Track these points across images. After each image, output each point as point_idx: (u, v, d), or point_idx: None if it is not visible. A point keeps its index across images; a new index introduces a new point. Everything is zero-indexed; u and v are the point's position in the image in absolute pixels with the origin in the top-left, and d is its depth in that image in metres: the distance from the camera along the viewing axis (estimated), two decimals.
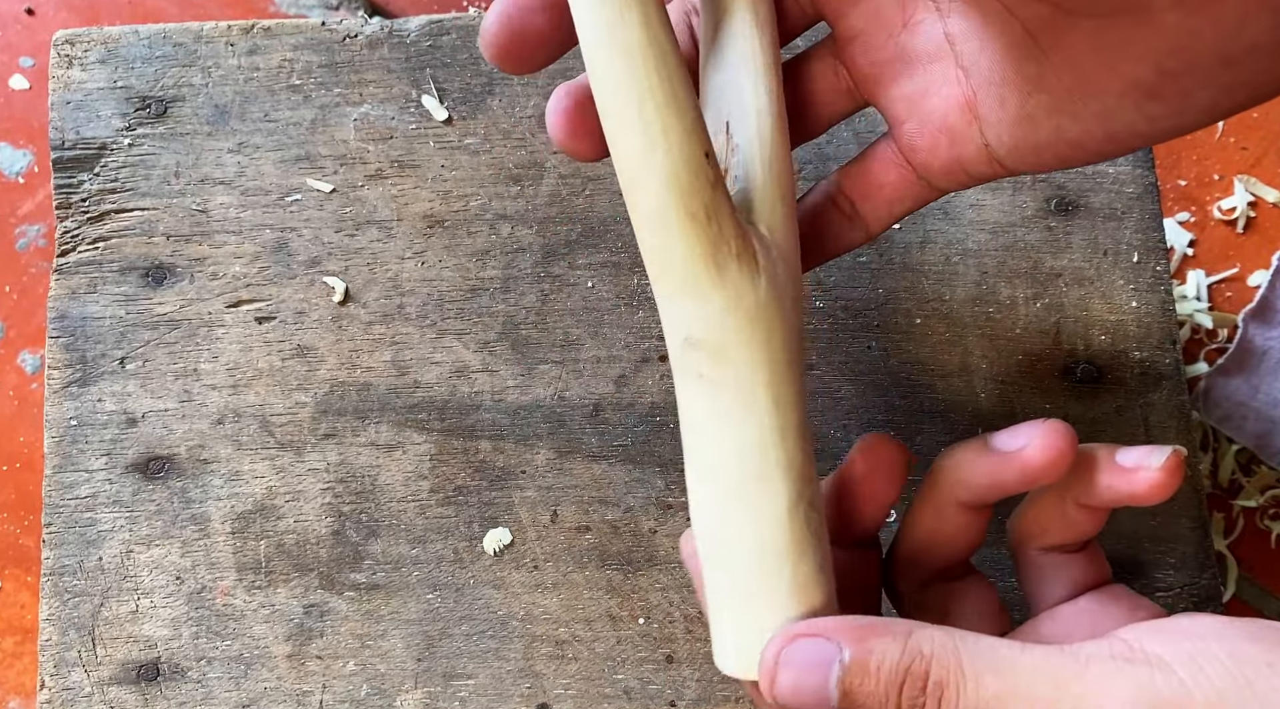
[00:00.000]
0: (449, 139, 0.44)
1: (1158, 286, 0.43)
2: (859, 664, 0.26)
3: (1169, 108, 0.26)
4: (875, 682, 0.26)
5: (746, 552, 0.28)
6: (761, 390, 0.27)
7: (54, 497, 0.41)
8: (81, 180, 0.44)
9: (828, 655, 0.26)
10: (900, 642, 0.26)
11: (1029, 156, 0.28)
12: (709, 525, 0.28)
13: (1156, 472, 0.28)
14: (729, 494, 0.28)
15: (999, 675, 0.25)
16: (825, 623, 0.27)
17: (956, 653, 0.26)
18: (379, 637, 0.40)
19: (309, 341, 0.42)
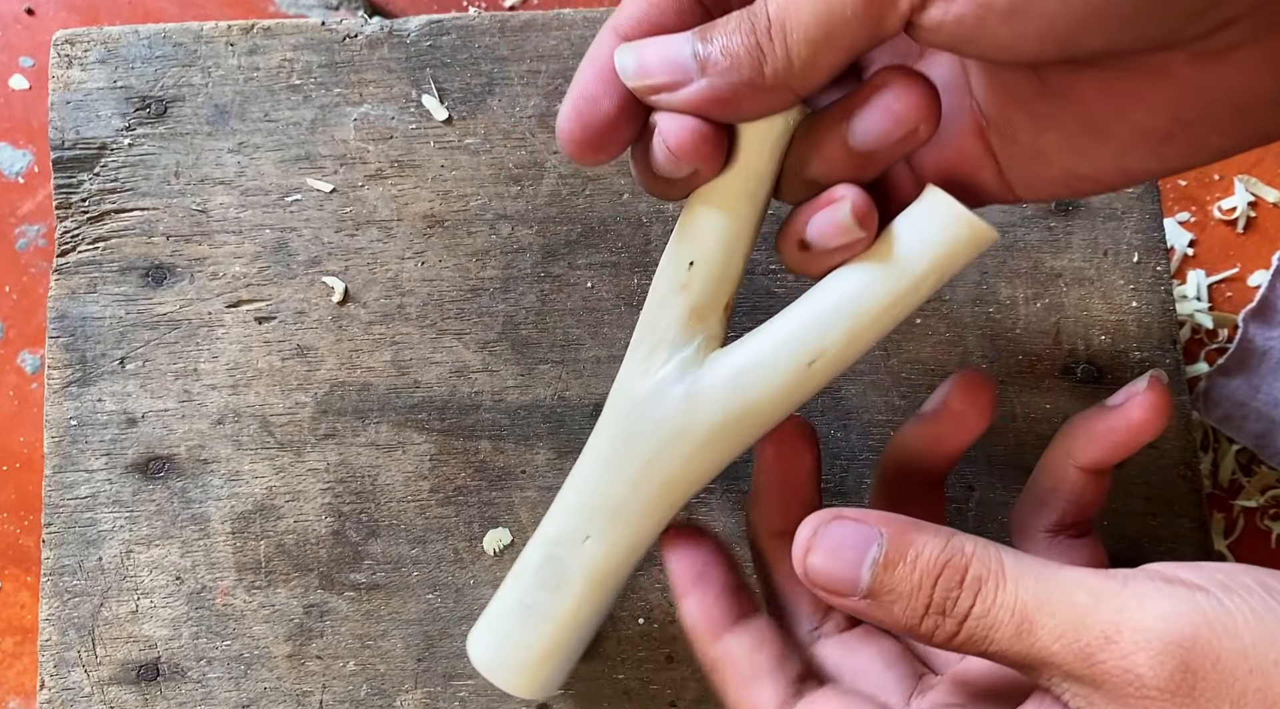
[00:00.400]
0: (449, 139, 0.44)
1: (1158, 286, 0.43)
2: (897, 549, 0.26)
3: (1182, 151, 0.26)
4: (911, 569, 0.26)
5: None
6: None
7: (54, 497, 0.41)
8: (81, 180, 0.44)
9: (866, 537, 0.26)
10: (943, 538, 0.26)
11: (1042, 189, 0.28)
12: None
13: (1144, 393, 0.29)
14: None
15: (1039, 580, 0.25)
16: (868, 513, 0.27)
17: (999, 556, 0.26)
18: (379, 637, 0.40)
19: (309, 341, 0.42)
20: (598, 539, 0.32)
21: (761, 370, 0.29)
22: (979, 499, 0.41)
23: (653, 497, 0.31)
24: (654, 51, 0.27)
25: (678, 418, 0.30)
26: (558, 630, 0.32)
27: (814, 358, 0.29)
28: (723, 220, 0.29)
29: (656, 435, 0.30)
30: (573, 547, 0.32)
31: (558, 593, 0.32)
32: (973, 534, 0.26)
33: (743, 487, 0.41)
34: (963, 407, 0.31)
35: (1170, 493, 0.41)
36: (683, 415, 0.30)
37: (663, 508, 0.31)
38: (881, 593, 0.26)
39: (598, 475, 0.32)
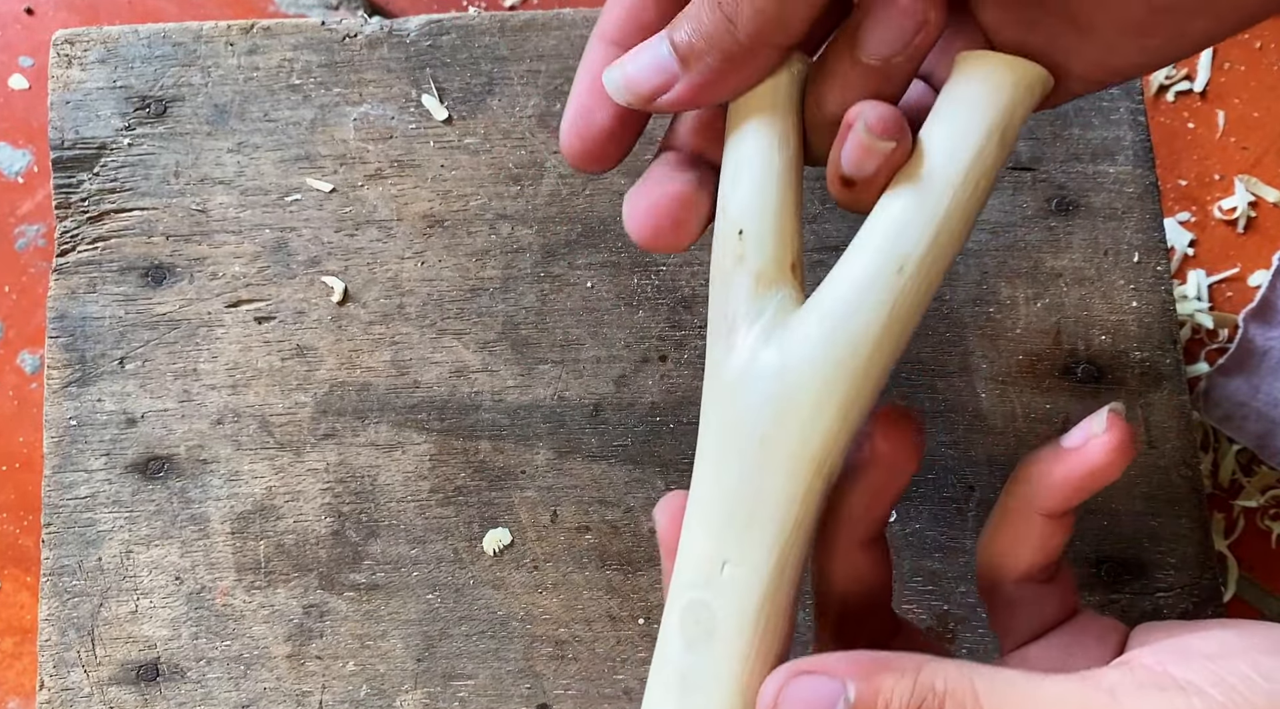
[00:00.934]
0: (449, 139, 0.44)
1: (1158, 286, 0.43)
2: (866, 704, 0.24)
3: (1165, 40, 0.26)
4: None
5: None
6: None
7: (53, 497, 0.41)
8: (81, 180, 0.44)
9: (832, 693, 0.25)
10: (910, 678, 0.24)
11: None
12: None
13: (1105, 435, 0.27)
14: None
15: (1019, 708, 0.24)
16: (830, 659, 0.25)
17: (973, 689, 0.24)
18: (379, 637, 0.40)
19: (309, 341, 0.42)
20: (736, 561, 0.26)
21: (851, 298, 0.26)
22: (978, 499, 0.41)
23: (781, 485, 0.26)
24: (633, 62, 0.27)
25: (778, 383, 0.26)
26: (725, 693, 0.26)
27: (901, 263, 0.25)
28: (759, 183, 0.27)
29: (762, 411, 0.26)
30: (711, 582, 0.27)
31: (710, 644, 0.26)
32: (946, 659, 0.25)
33: None
34: (890, 448, 0.28)
35: (1170, 493, 0.41)
36: (782, 378, 0.26)
37: (797, 496, 0.26)
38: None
39: (712, 483, 0.27)
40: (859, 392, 0.26)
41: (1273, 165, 0.61)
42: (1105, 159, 0.44)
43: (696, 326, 0.42)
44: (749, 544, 0.26)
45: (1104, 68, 0.27)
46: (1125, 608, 0.40)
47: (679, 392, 0.42)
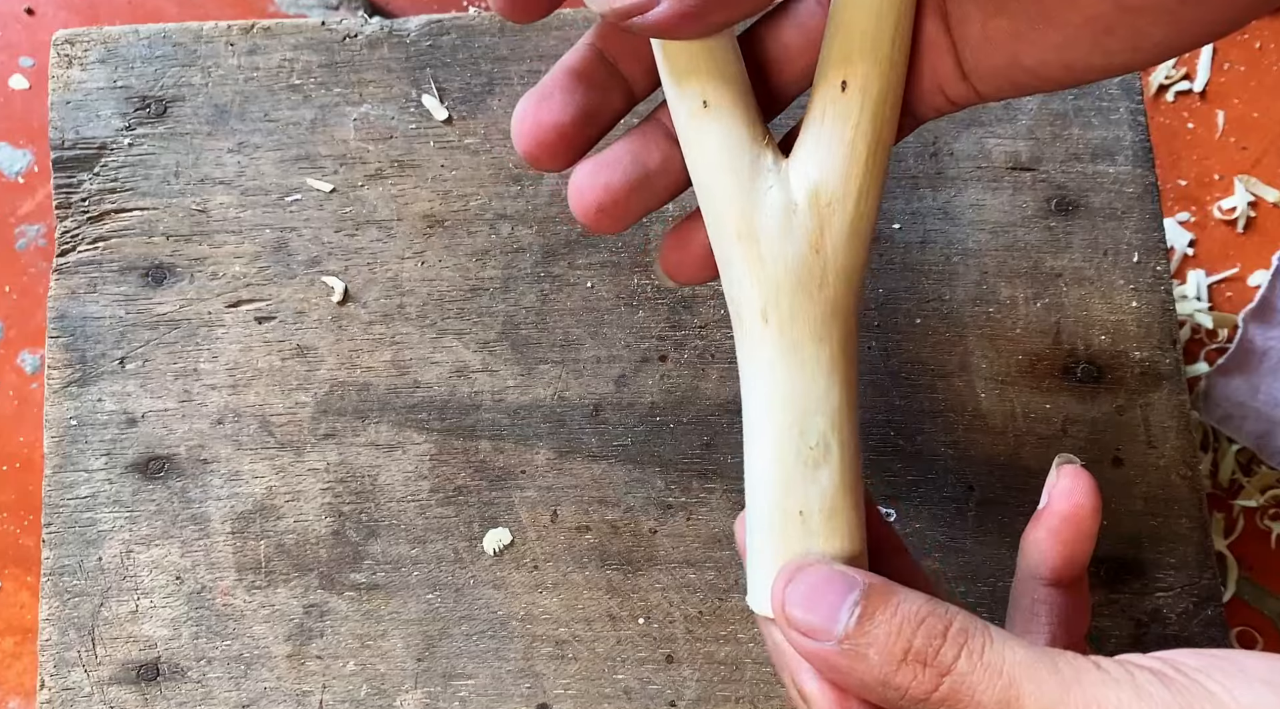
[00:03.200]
0: (449, 139, 0.44)
1: (1158, 286, 0.43)
2: (879, 595, 0.25)
3: (1124, 44, 0.26)
4: (893, 615, 0.24)
5: (771, 486, 0.28)
6: (808, 343, 0.28)
7: (54, 497, 0.41)
8: (81, 180, 0.44)
9: (847, 582, 0.25)
10: (925, 596, 0.25)
11: (991, 79, 0.28)
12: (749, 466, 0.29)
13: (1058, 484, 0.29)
14: (767, 439, 0.28)
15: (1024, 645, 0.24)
16: (853, 568, 0.26)
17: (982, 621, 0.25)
18: (379, 637, 0.40)
19: (309, 341, 0.42)
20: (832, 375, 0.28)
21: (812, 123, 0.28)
22: (978, 499, 0.41)
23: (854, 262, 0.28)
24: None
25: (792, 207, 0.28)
26: (848, 502, 0.28)
27: (843, 77, 0.28)
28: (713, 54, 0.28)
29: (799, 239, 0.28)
30: (818, 408, 0.28)
31: (826, 464, 0.28)
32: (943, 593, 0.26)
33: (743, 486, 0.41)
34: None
35: (1170, 493, 0.41)
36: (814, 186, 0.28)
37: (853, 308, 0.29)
38: (858, 636, 0.25)
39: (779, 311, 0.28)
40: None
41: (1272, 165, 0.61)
42: (1105, 159, 0.44)
43: (696, 326, 0.42)
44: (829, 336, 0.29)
45: (1062, 64, 0.27)
46: (1125, 608, 0.40)
47: (679, 392, 0.42)
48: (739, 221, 0.28)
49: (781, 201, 0.28)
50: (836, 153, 0.28)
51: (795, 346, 0.28)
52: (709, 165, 0.29)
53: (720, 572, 0.41)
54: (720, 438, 0.41)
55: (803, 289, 0.28)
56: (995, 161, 0.44)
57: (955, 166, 0.44)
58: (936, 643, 0.24)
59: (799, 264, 0.28)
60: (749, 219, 0.28)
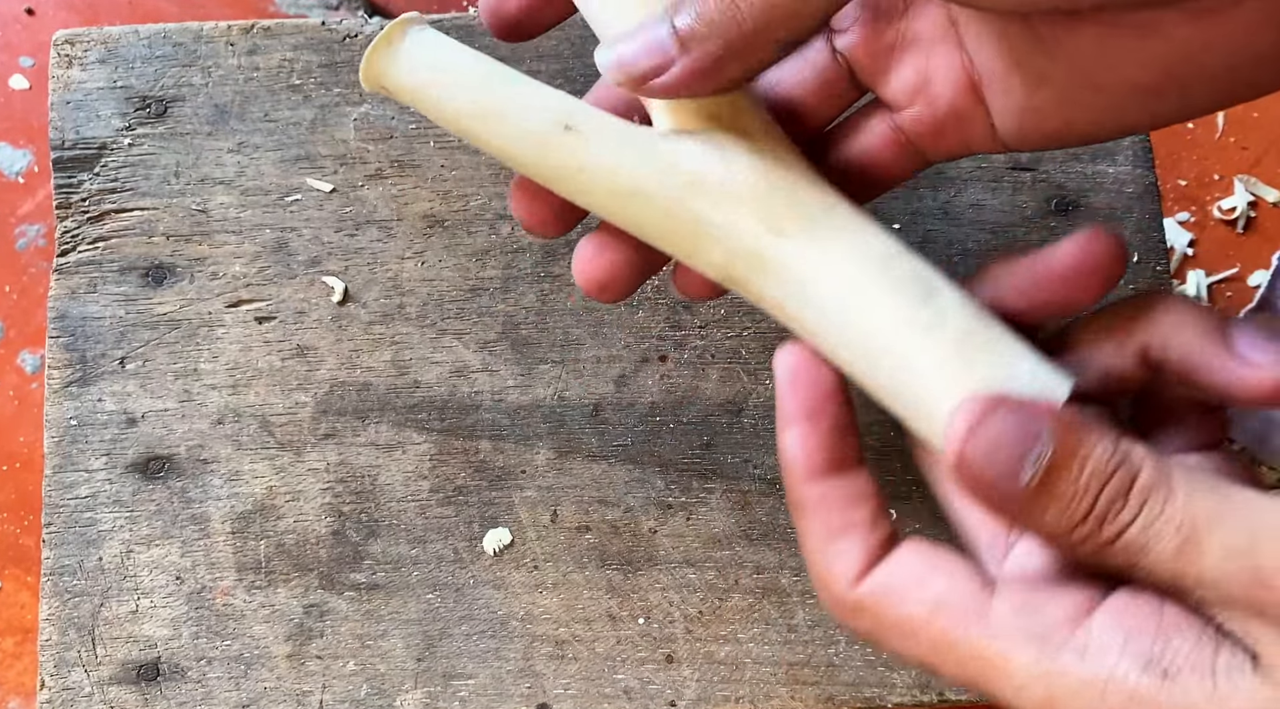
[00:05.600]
0: (449, 139, 0.44)
1: (1158, 286, 0.43)
2: (1066, 448, 0.23)
3: (1172, 106, 0.26)
4: (1078, 469, 0.23)
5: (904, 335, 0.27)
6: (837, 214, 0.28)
7: (54, 496, 0.41)
8: (81, 180, 0.44)
9: (1033, 430, 0.24)
10: (1111, 440, 0.24)
11: (1033, 141, 0.28)
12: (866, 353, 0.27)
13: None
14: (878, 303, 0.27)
15: (1214, 492, 0.23)
16: (1035, 403, 0.25)
17: (1169, 469, 0.24)
18: (379, 637, 0.40)
19: (309, 341, 0.42)
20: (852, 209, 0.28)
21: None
22: None
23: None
24: (629, 41, 0.27)
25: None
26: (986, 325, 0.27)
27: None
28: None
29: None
30: (900, 255, 0.28)
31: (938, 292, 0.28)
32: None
33: (744, 487, 0.41)
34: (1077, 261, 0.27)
35: None
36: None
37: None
38: (1041, 493, 0.23)
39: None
40: None
41: (1272, 165, 0.62)
42: (1105, 159, 0.44)
43: (696, 326, 0.42)
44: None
45: (1113, 124, 0.27)
46: None
47: (679, 391, 0.42)
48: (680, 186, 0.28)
49: (695, 145, 0.28)
50: None
51: (830, 211, 0.28)
52: (617, 172, 0.28)
53: (720, 572, 0.41)
54: (720, 438, 0.41)
55: (781, 181, 0.28)
56: (995, 161, 0.44)
57: (955, 166, 0.44)
58: (1119, 503, 0.23)
59: (753, 171, 0.28)
60: (684, 177, 0.28)
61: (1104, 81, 0.26)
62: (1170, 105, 0.26)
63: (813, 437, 0.27)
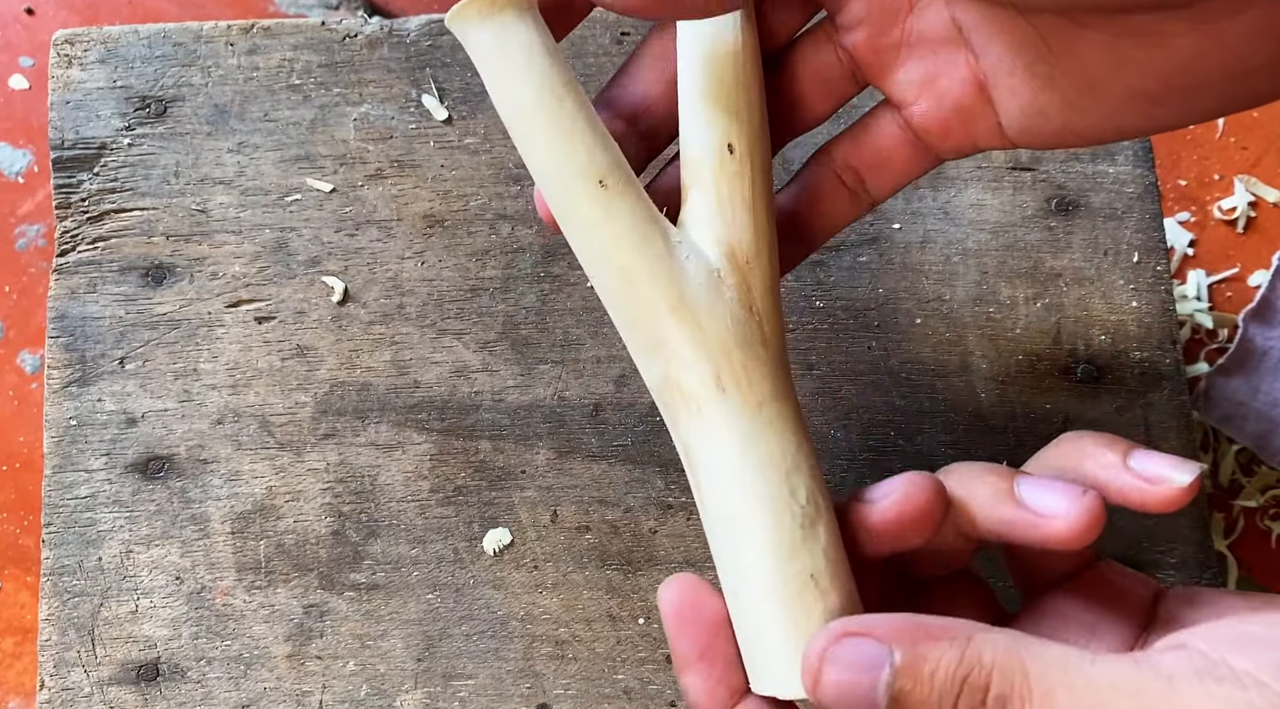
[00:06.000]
0: (449, 139, 0.44)
1: (1158, 286, 0.43)
2: (911, 669, 0.24)
3: (1173, 113, 0.26)
4: (928, 690, 0.24)
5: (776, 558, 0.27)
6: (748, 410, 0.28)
7: (54, 497, 0.41)
8: (81, 180, 0.44)
9: (877, 657, 0.24)
10: (958, 647, 0.24)
11: (1038, 141, 0.28)
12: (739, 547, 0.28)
13: (1179, 490, 0.27)
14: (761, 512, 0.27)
15: (1071, 691, 0.23)
16: (875, 620, 0.25)
17: (1022, 663, 0.24)
18: (379, 637, 0.40)
19: (309, 341, 0.42)
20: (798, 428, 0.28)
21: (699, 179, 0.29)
22: None
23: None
24: None
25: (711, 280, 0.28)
26: (843, 554, 0.28)
27: (727, 141, 0.29)
28: None
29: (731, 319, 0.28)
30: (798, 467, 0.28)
31: (820, 521, 0.28)
32: (995, 628, 0.25)
33: None
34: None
35: None
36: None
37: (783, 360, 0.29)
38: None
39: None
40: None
41: (1273, 165, 0.61)
42: (1105, 159, 0.44)
43: None
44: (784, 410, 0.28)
45: (1113, 129, 0.27)
46: None
47: None
48: (671, 297, 0.28)
49: (703, 267, 0.28)
50: (740, 214, 0.28)
51: (760, 407, 0.28)
52: (623, 247, 0.28)
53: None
54: None
55: (750, 349, 0.28)
56: (995, 161, 0.44)
57: (955, 166, 0.44)
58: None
59: (739, 325, 0.28)
60: (679, 291, 0.28)
61: (1107, 87, 0.26)
62: (1172, 112, 0.26)
63: (713, 675, 0.28)
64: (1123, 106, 0.26)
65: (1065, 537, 0.27)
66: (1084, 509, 0.27)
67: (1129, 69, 0.25)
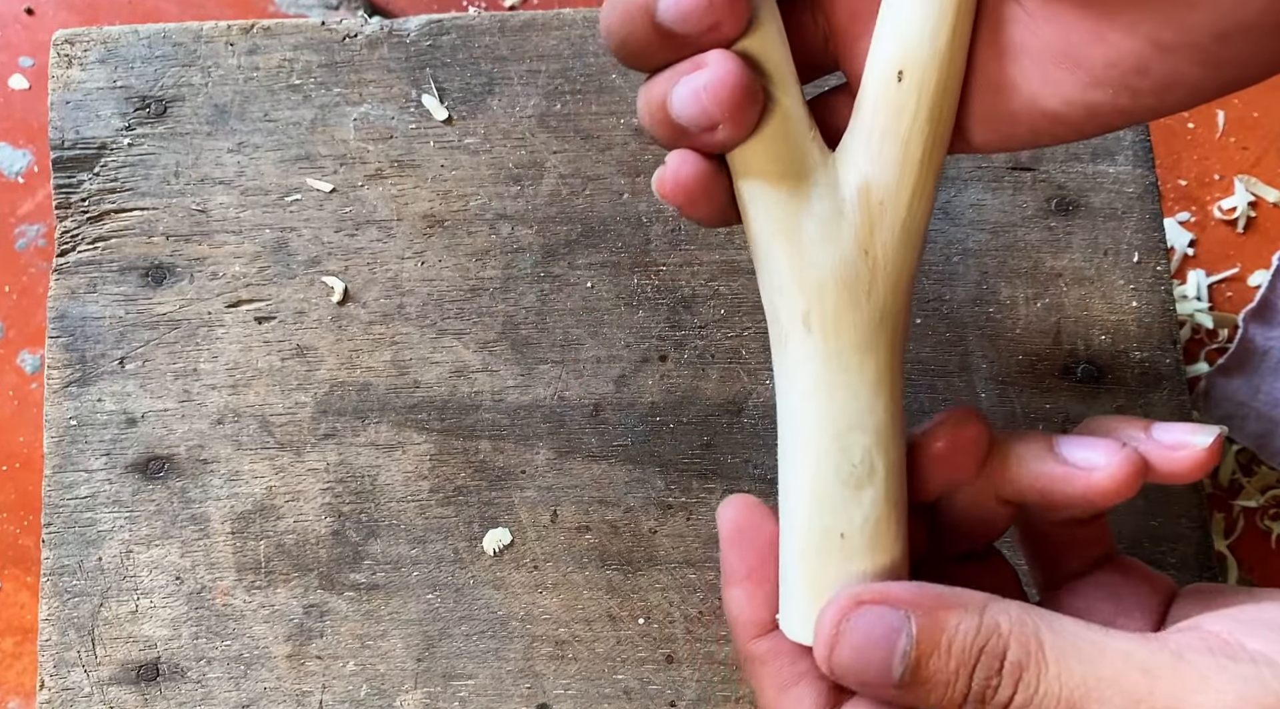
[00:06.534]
0: (449, 139, 0.44)
1: (1158, 286, 0.43)
2: (928, 638, 0.24)
3: (1155, 83, 0.25)
4: (946, 658, 0.24)
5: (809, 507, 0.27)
6: (850, 352, 0.27)
7: (54, 497, 0.41)
8: (81, 180, 0.44)
9: (894, 626, 0.24)
10: (975, 616, 0.24)
11: (1001, 127, 0.27)
12: (785, 483, 0.28)
13: (1202, 452, 0.27)
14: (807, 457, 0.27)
15: (1084, 661, 0.23)
16: (892, 589, 0.25)
17: (1037, 633, 0.24)
18: (379, 637, 0.40)
19: (309, 341, 0.42)
20: (879, 388, 0.27)
21: (863, 114, 0.26)
22: None
23: (900, 302, 0.27)
24: None
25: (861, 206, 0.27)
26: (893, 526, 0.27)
27: (899, 67, 0.26)
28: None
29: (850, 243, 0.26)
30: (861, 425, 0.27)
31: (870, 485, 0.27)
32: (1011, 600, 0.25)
33: (744, 487, 0.41)
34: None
35: (1170, 493, 0.41)
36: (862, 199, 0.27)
37: (905, 306, 0.27)
38: (915, 684, 0.24)
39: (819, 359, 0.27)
40: (924, 181, 0.27)
41: (1273, 165, 0.61)
42: (1105, 159, 0.44)
43: (696, 326, 0.42)
44: (880, 355, 0.27)
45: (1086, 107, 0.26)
46: None
47: (679, 391, 0.42)
48: (784, 218, 0.27)
49: (830, 199, 0.26)
50: (890, 149, 0.26)
51: (839, 356, 0.27)
52: (756, 154, 0.27)
53: (721, 572, 0.40)
54: (720, 438, 0.41)
55: (849, 294, 0.26)
56: (995, 161, 0.44)
57: (955, 166, 0.44)
58: (994, 681, 0.23)
59: (846, 267, 0.26)
60: (794, 216, 0.26)
61: (1084, 53, 0.25)
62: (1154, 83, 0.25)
63: (757, 595, 0.28)
64: (1101, 75, 0.25)
65: (1107, 488, 0.27)
66: (1124, 459, 0.27)
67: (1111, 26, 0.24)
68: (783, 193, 0.27)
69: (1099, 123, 0.26)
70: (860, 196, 0.26)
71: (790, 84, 0.27)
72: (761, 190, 0.27)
